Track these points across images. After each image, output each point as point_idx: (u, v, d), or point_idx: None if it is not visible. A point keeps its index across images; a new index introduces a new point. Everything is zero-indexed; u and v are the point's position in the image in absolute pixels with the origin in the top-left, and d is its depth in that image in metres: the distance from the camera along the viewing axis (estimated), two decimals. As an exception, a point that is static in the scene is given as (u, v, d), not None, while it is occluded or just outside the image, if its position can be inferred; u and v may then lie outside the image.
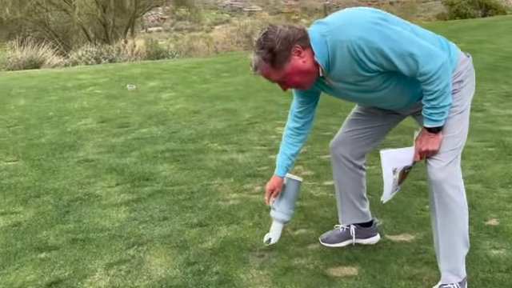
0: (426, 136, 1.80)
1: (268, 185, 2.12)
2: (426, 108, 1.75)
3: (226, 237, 2.42)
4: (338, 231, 2.33)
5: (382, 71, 1.72)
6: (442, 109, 1.73)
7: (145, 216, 2.66)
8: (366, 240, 2.31)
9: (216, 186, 3.04)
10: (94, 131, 4.24)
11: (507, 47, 8.62)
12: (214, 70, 7.46)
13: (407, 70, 1.68)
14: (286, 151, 2.11)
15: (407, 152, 1.89)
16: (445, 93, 1.70)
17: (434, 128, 1.78)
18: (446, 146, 1.84)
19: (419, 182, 3.00)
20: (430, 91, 1.70)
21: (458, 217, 1.89)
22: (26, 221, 2.64)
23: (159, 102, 5.33)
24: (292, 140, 2.11)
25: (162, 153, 3.65)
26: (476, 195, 2.80)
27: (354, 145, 2.12)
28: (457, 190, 1.87)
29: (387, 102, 1.90)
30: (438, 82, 1.68)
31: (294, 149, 2.11)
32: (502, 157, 3.38)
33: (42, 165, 3.47)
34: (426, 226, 2.47)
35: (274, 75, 1.77)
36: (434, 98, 1.71)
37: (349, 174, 2.18)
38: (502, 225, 2.47)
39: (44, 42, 13.19)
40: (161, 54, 13.47)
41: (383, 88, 1.80)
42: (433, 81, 1.68)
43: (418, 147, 1.83)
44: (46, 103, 5.45)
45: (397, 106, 1.94)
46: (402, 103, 1.90)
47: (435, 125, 1.77)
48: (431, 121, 1.77)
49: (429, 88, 1.69)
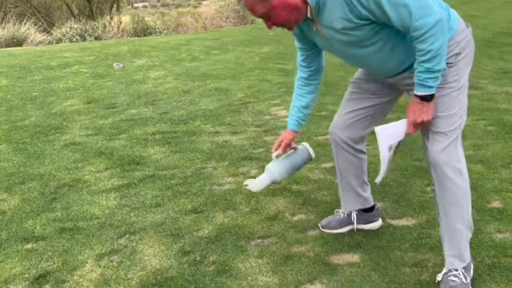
0: (419, 105, 1.66)
1: (280, 137, 2.09)
2: (419, 72, 1.61)
3: (222, 224, 2.32)
4: (339, 216, 2.25)
5: (373, 20, 1.60)
6: (436, 73, 1.59)
7: (136, 202, 2.55)
8: (367, 225, 2.23)
9: (210, 169, 2.92)
10: (80, 112, 4.08)
11: (501, 22, 8.51)
12: (204, 47, 7.26)
13: (400, 22, 1.55)
14: (296, 103, 2.06)
15: (400, 125, 1.74)
16: (439, 55, 1.56)
17: (426, 96, 1.64)
18: (445, 126, 1.73)
19: (418, 163, 2.92)
20: (424, 50, 1.56)
21: (460, 201, 1.82)
22: (11, 209, 2.51)
23: (147, 81, 5.15)
24: (301, 91, 2.05)
25: (153, 135, 3.51)
26: (477, 176, 2.73)
27: (353, 128, 2.02)
28: (458, 173, 1.78)
29: (375, 62, 1.77)
30: (432, 41, 1.54)
31: (304, 100, 2.05)
32: (501, 135, 3.31)
33: (27, 149, 3.31)
34: (428, 209, 2.40)
35: (259, 7, 1.64)
36: (428, 60, 1.57)
37: (349, 160, 2.09)
38: (505, 207, 2.40)
39: (26, 19, 12.75)
40: (148, 30, 13.12)
41: (372, 43, 1.68)
42: (426, 38, 1.54)
43: (412, 118, 1.69)
44: (30, 83, 5.24)
45: (386, 69, 1.80)
46: (391, 66, 1.78)
47: (428, 91, 1.63)
48: (424, 87, 1.62)
49: (422, 47, 1.56)
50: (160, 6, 34.47)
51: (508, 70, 5.06)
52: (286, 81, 4.05)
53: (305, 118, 2.09)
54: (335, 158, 2.12)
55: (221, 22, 13.61)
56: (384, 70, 1.81)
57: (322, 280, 1.88)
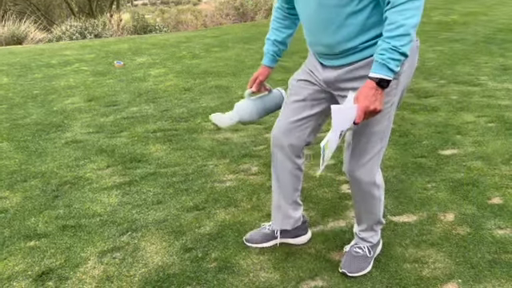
0: (373, 91, 1.46)
1: (255, 73, 1.98)
2: (383, 50, 1.43)
3: (223, 221, 2.33)
4: (264, 230, 2.11)
5: None
6: (401, 56, 1.42)
7: (138, 200, 2.56)
8: (294, 240, 2.09)
9: (211, 167, 2.93)
10: (81, 110, 4.08)
11: (501, 19, 8.49)
12: (204, 45, 7.25)
13: None
14: (271, 36, 1.92)
15: (351, 111, 1.50)
16: (409, 35, 1.40)
17: (384, 80, 1.45)
18: (371, 141, 1.69)
19: (419, 160, 2.93)
20: (395, 23, 1.40)
21: (376, 208, 1.89)
22: (13, 207, 2.52)
23: (148, 78, 5.15)
24: (278, 24, 1.90)
25: (154, 132, 3.52)
26: (478, 173, 2.74)
27: (296, 135, 1.85)
28: (376, 187, 1.82)
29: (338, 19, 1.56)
30: (409, 15, 1.39)
31: (280, 35, 1.90)
32: (502, 132, 3.32)
33: (28, 147, 3.32)
34: (429, 205, 2.41)
35: None
36: (397, 36, 1.40)
37: (288, 169, 1.92)
38: (505, 203, 2.41)
39: (26, 17, 12.74)
40: (148, 28, 13.10)
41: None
42: (404, 10, 1.39)
43: (364, 104, 1.47)
44: (31, 81, 5.24)
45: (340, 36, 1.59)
46: (348, 32, 1.56)
47: (387, 75, 1.44)
48: (385, 68, 1.44)
49: (395, 18, 1.40)
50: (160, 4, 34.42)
51: (508, 67, 5.06)
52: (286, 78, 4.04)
53: (280, 54, 1.96)
54: (274, 167, 1.95)
55: (221, 19, 13.60)
56: (337, 37, 1.59)
57: (324, 276, 1.89)
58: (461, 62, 5.38)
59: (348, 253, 1.96)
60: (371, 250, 1.95)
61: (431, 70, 5.00)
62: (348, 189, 2.60)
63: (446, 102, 3.98)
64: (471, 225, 2.24)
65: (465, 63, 5.28)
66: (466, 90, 4.27)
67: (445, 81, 4.59)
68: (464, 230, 2.20)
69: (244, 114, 1.93)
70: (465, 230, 2.20)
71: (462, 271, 1.89)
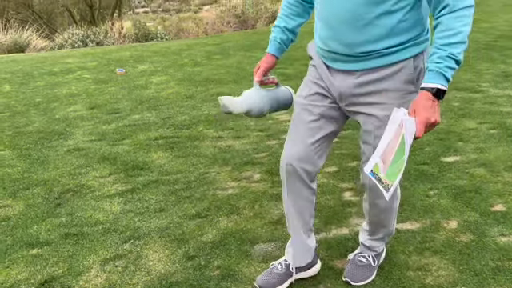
0: (430, 102, 1.35)
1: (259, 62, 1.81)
2: (439, 58, 1.33)
3: (226, 228, 2.33)
4: (276, 270, 1.86)
5: None
6: (457, 65, 1.34)
7: (140, 208, 2.56)
8: (306, 272, 1.89)
9: (213, 174, 2.93)
10: (83, 118, 4.10)
11: (502, 26, 8.52)
12: (205, 52, 7.28)
13: None
14: (280, 23, 1.75)
15: (412, 123, 1.37)
16: (465, 43, 1.33)
17: (441, 91, 1.35)
18: None
19: (421, 167, 2.93)
20: (453, 30, 1.31)
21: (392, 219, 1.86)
22: (16, 215, 2.52)
23: (150, 86, 5.17)
24: (288, 11, 1.74)
25: (156, 140, 3.53)
26: (480, 180, 2.74)
27: (312, 158, 1.68)
28: (395, 200, 1.81)
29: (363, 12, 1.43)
30: (466, 22, 1.32)
31: (290, 22, 1.74)
32: (504, 139, 3.32)
33: (31, 154, 3.33)
34: (432, 213, 2.41)
35: None
36: (455, 44, 1.31)
37: (306, 197, 1.76)
38: (508, 210, 2.41)
39: (28, 25, 12.82)
40: (149, 36, 13.17)
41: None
42: (462, 16, 1.31)
43: (424, 116, 1.35)
44: (33, 89, 5.26)
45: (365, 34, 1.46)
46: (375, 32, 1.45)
47: (444, 86, 1.34)
48: (442, 78, 1.34)
49: (453, 25, 1.31)
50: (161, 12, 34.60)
51: (509, 74, 5.06)
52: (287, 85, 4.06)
53: (288, 44, 1.78)
54: (290, 198, 1.77)
55: (222, 26, 13.66)
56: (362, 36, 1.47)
57: (327, 284, 1.88)
58: (462, 68, 5.39)
59: (352, 261, 1.95)
60: (376, 259, 1.94)
61: (432, 76, 5.01)
62: (351, 196, 2.60)
63: (448, 108, 3.98)
64: (474, 232, 2.23)
65: (466, 70, 5.29)
66: (467, 97, 4.28)
67: (446, 88, 4.60)
68: (467, 237, 2.20)
69: (253, 105, 1.72)
70: (468, 237, 2.20)
71: (465, 279, 1.88)
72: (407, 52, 1.50)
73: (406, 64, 1.51)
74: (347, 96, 1.60)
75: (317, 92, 1.66)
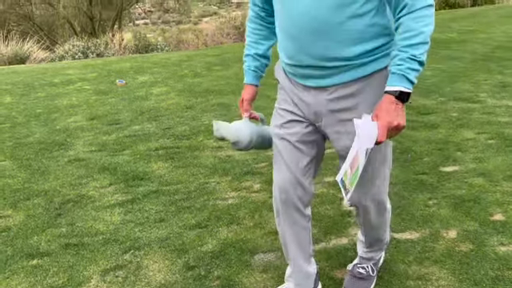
0: (393, 105, 1.31)
1: (240, 99, 1.76)
2: (401, 60, 1.30)
3: (226, 238, 2.33)
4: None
5: None
6: (420, 66, 1.31)
7: (140, 218, 2.56)
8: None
9: (213, 184, 2.94)
10: (84, 129, 4.11)
11: (499, 36, 8.60)
12: (205, 64, 7.33)
13: None
14: (250, 51, 1.70)
15: (374, 127, 1.32)
16: (427, 43, 1.30)
17: (404, 93, 1.31)
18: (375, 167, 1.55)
19: (420, 176, 2.94)
20: (414, 31, 1.28)
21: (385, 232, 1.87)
22: (16, 225, 2.52)
23: (150, 97, 5.20)
24: (255, 37, 1.69)
25: (156, 150, 3.54)
26: (479, 189, 2.75)
27: (304, 184, 1.64)
28: (386, 213, 1.77)
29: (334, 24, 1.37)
30: (427, 22, 1.29)
31: (260, 48, 1.69)
32: (502, 149, 3.34)
33: (31, 165, 3.34)
34: (431, 222, 2.41)
35: None
36: (416, 45, 1.28)
37: (303, 225, 1.73)
38: (508, 219, 2.42)
39: (29, 37, 12.91)
40: (149, 47, 13.26)
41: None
42: (422, 16, 1.29)
43: (386, 120, 1.30)
44: (34, 100, 5.29)
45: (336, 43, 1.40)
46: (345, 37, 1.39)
47: (408, 88, 1.31)
48: (405, 80, 1.30)
49: (414, 26, 1.28)
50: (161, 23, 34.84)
51: (507, 84, 5.10)
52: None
53: (263, 69, 1.73)
54: (284, 225, 1.73)
55: (221, 38, 13.75)
56: (331, 44, 1.40)
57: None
58: (460, 79, 5.43)
59: (351, 272, 1.94)
60: (374, 269, 1.94)
61: (430, 87, 5.05)
62: (350, 206, 2.61)
63: (446, 118, 4.00)
64: (474, 241, 2.24)
65: (464, 81, 5.33)
66: (465, 107, 4.31)
67: (444, 98, 4.63)
68: (467, 246, 2.20)
69: (243, 137, 1.68)
70: (467, 246, 2.20)
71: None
72: (379, 62, 1.44)
73: (378, 76, 1.45)
74: (323, 114, 1.53)
75: (290, 120, 1.61)
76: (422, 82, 5.29)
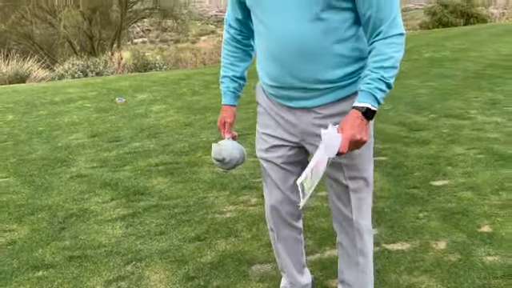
0: (359, 121, 1.38)
1: (219, 120, 1.81)
2: (371, 79, 1.38)
3: (224, 250, 2.42)
4: None
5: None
6: (387, 88, 1.40)
7: (141, 231, 2.65)
8: None
9: (212, 198, 3.04)
10: (85, 146, 4.22)
11: (491, 55, 8.80)
12: (203, 82, 7.48)
13: (379, 4, 1.38)
14: (228, 73, 1.75)
15: (338, 138, 1.38)
16: (396, 68, 1.40)
17: (370, 111, 1.39)
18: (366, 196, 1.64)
19: (411, 190, 3.05)
20: (385, 55, 1.38)
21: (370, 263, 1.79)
22: (21, 239, 2.61)
23: (150, 114, 5.32)
24: (232, 59, 1.74)
25: (156, 166, 3.64)
26: (468, 202, 2.86)
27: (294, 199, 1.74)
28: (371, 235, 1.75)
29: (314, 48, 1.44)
30: (397, 49, 1.39)
31: (237, 70, 1.75)
32: (491, 164, 3.45)
33: (35, 181, 3.44)
34: (421, 234, 2.51)
35: None
36: (386, 68, 1.38)
37: (294, 237, 1.84)
38: (495, 231, 2.52)
39: (29, 56, 13.10)
40: (148, 65, 13.47)
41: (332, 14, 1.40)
42: (393, 42, 1.39)
43: (350, 133, 1.37)
44: (35, 118, 5.40)
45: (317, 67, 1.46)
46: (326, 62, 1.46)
47: (374, 105, 1.39)
48: (372, 98, 1.38)
49: (385, 50, 1.38)
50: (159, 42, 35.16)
51: (497, 101, 5.25)
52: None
53: (240, 89, 1.79)
54: (277, 240, 1.83)
55: (219, 57, 13.95)
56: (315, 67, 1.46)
57: (321, 302, 1.97)
58: (451, 96, 5.58)
59: None
60: None
61: (422, 104, 5.19)
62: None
63: (437, 135, 4.13)
64: (462, 252, 2.34)
65: (455, 98, 5.48)
66: (456, 124, 4.44)
67: (436, 115, 4.76)
68: (455, 256, 2.30)
69: (232, 155, 1.73)
70: (456, 256, 2.30)
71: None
72: (357, 84, 1.50)
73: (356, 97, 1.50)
74: (309, 133, 1.58)
75: (274, 145, 1.67)
76: (414, 99, 5.43)
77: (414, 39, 12.10)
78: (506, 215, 2.69)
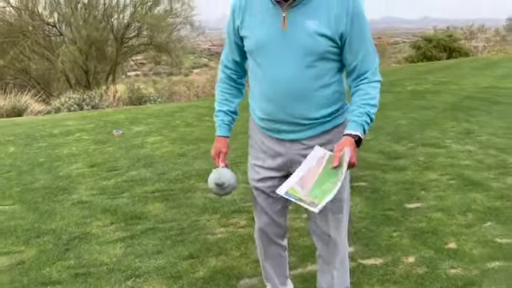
0: (353, 147, 1.66)
1: (212, 150, 1.99)
2: (361, 113, 1.67)
3: (215, 267, 2.68)
4: None
5: (336, 43, 1.65)
6: (370, 123, 1.69)
7: (140, 250, 2.90)
8: None
9: (204, 221, 3.31)
10: (85, 175, 4.48)
11: (469, 87, 9.27)
12: (197, 114, 7.82)
13: (362, 53, 1.67)
14: (223, 107, 1.95)
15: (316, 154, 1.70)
16: (377, 106, 1.70)
17: (360, 139, 1.68)
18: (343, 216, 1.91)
19: (387, 212, 3.33)
20: (371, 95, 1.69)
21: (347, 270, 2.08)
22: (29, 259, 2.84)
23: (145, 145, 5.61)
24: (227, 95, 1.96)
25: (152, 193, 3.91)
26: (437, 222, 3.15)
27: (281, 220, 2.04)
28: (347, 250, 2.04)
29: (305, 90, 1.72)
30: (378, 91, 1.71)
31: (232, 105, 1.96)
32: (461, 188, 3.77)
33: (39, 207, 3.68)
34: (394, 251, 2.79)
35: None
36: (372, 106, 1.68)
37: (279, 253, 2.13)
38: (459, 247, 2.80)
39: (26, 90, 13.44)
40: (143, 98, 13.84)
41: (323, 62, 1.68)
42: (376, 86, 1.71)
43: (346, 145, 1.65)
44: (36, 150, 5.67)
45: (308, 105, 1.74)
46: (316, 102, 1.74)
47: (363, 135, 1.68)
48: (361, 129, 1.67)
49: (371, 92, 1.69)
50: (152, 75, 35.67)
51: (471, 131, 5.62)
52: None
53: (233, 122, 2.00)
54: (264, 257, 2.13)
55: (212, 90, 14.37)
56: (305, 106, 1.74)
57: (301, 308, 2.22)
58: (429, 127, 5.95)
59: None
60: None
61: (402, 134, 5.54)
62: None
63: (414, 162, 4.46)
64: (429, 265, 2.62)
65: (433, 128, 5.84)
66: (432, 152, 4.77)
67: (413, 144, 5.11)
68: (422, 269, 2.58)
69: (230, 181, 1.93)
70: (423, 269, 2.58)
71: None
72: (341, 118, 1.83)
73: (340, 129, 1.79)
74: (297, 162, 1.80)
75: (264, 177, 1.92)
76: (395, 129, 5.79)
77: (398, 73, 12.65)
78: (471, 233, 2.99)
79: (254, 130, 1.98)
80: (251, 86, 1.88)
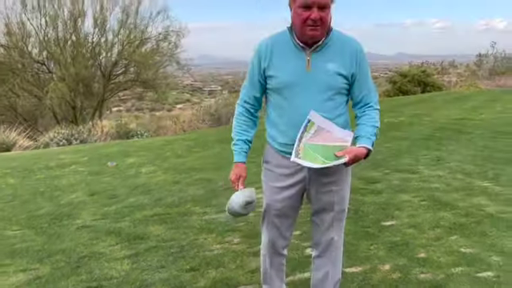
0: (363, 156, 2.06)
1: (233, 175, 2.24)
2: (371, 133, 2.10)
3: (214, 277, 3.01)
4: None
5: (348, 80, 2.08)
6: (375, 140, 2.12)
7: (145, 266, 3.22)
8: None
9: (202, 240, 3.64)
10: (86, 203, 4.78)
11: (441, 119, 9.89)
12: (185, 146, 8.19)
13: (366, 88, 2.13)
14: (242, 137, 2.24)
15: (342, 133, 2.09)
16: (379, 128, 2.15)
17: (370, 152, 2.08)
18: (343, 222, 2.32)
19: (366, 229, 3.73)
20: (376, 119, 2.13)
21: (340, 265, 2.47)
22: (45, 275, 3.13)
23: (140, 175, 5.94)
24: (245, 127, 2.25)
25: (151, 217, 4.24)
26: (410, 236, 3.55)
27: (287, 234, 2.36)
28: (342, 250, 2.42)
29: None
30: (379, 117, 2.16)
31: (249, 135, 2.26)
32: (431, 207, 4.20)
33: (47, 231, 3.97)
34: (371, 260, 3.17)
35: None
36: (377, 127, 2.12)
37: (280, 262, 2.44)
38: (428, 257, 3.20)
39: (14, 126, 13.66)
40: (130, 133, 14.20)
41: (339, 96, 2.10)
42: (378, 112, 2.16)
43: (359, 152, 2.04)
44: (35, 181, 5.94)
45: None
46: None
47: (372, 148, 2.08)
48: (371, 143, 2.09)
49: (376, 117, 2.14)
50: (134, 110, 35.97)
51: (441, 158, 6.12)
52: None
53: (249, 150, 2.28)
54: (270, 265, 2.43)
55: (198, 124, 14.86)
56: None
57: (292, 307, 2.57)
58: (404, 155, 6.44)
59: None
60: None
61: (379, 162, 6.01)
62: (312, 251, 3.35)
63: (389, 186, 4.90)
64: (402, 271, 3.00)
65: (407, 156, 6.33)
66: (405, 177, 5.23)
67: (389, 170, 5.57)
68: (396, 275, 2.96)
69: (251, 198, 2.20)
70: (397, 275, 2.96)
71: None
72: None
73: None
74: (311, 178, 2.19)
75: (284, 197, 2.25)
76: (373, 157, 6.25)
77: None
78: (439, 245, 3.39)
79: (271, 156, 2.26)
80: (273, 119, 2.20)
